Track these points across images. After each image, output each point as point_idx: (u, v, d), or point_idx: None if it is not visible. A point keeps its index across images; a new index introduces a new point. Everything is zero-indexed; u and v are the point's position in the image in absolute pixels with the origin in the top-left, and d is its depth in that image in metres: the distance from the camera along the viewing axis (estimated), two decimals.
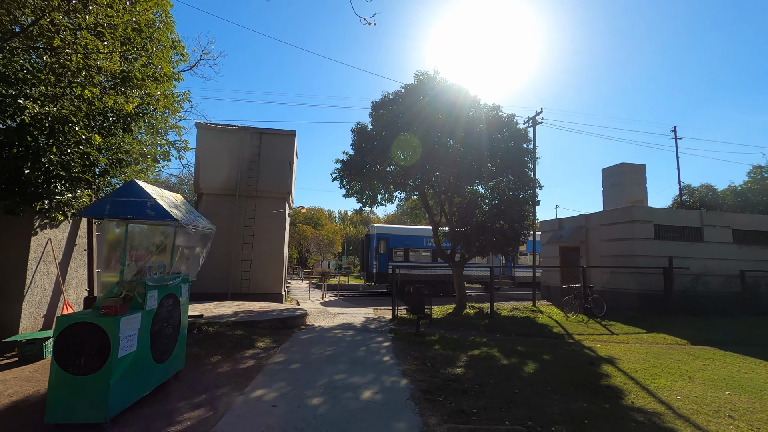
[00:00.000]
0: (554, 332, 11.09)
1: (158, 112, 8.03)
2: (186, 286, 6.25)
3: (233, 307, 12.10)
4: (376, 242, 23.22)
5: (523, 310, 15.55)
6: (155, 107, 7.78)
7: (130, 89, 6.66)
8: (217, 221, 17.39)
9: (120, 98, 6.55)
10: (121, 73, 6.41)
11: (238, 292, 16.99)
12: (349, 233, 66.01)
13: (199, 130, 17.54)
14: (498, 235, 15.07)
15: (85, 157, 6.57)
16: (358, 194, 18.24)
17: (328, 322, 12.13)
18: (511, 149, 14.98)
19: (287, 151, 18.18)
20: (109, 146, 7.29)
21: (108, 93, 6.49)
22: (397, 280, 13.13)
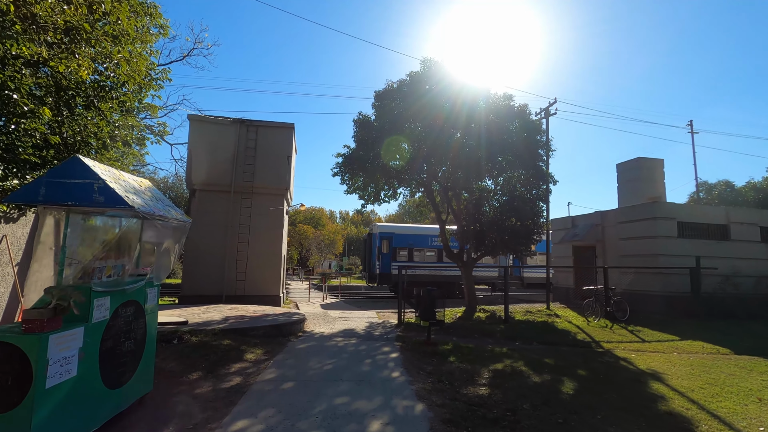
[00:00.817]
0: (579, 340, 9.92)
1: (128, 87, 6.86)
2: (153, 290, 5.10)
3: (224, 312, 10.95)
4: (379, 242, 22.07)
5: (538, 313, 14.38)
6: (121, 78, 6.61)
7: (78, 46, 5.49)
8: (210, 219, 16.28)
9: (72, 63, 5.38)
10: (64, 25, 5.25)
11: (233, 295, 15.84)
12: (350, 233, 64.86)
13: (192, 122, 16.41)
14: (510, 234, 13.94)
15: (33, 135, 5.43)
16: (360, 190, 17.11)
17: (329, 328, 10.98)
18: (523, 141, 13.82)
19: (285, 144, 17.05)
20: (67, 124, 6.13)
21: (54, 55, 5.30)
22: (403, 281, 11.97)
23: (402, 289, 11.75)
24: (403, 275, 11.97)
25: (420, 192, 18.28)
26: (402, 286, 11.77)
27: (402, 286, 11.77)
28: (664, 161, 18.25)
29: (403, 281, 11.90)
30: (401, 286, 11.76)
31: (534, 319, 12.92)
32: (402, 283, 11.82)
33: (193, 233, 16.04)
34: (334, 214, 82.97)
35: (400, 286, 11.76)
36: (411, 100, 13.56)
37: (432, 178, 15.71)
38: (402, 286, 11.75)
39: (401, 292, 11.71)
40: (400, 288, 11.75)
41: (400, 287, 11.76)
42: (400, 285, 11.77)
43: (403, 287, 11.84)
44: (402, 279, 11.89)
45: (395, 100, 14.28)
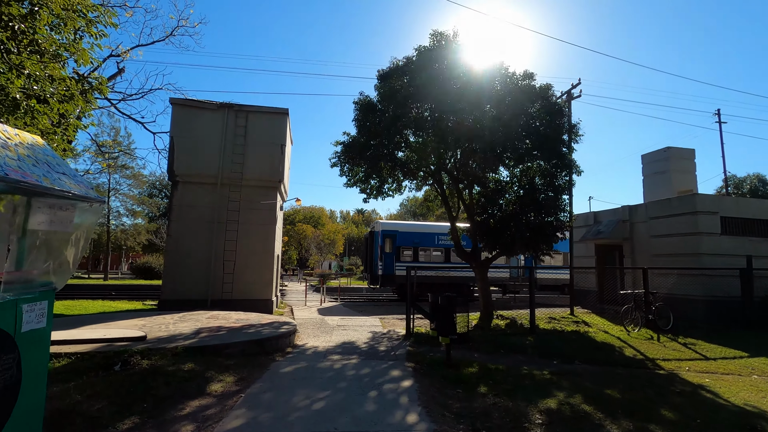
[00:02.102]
0: (629, 357, 8.03)
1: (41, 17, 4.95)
2: (38, 306, 3.24)
3: (201, 321, 9.08)
4: (382, 240, 20.19)
5: (563, 320, 12.51)
6: None
7: None
8: (195, 214, 14.42)
9: None
10: None
11: (219, 299, 13.96)
12: (350, 233, 62.98)
13: (174, 107, 14.55)
14: (531, 230, 12.09)
15: None
16: (361, 183, 15.21)
17: (325, 340, 9.10)
18: (546, 126, 11.94)
19: (278, 131, 15.19)
20: None
21: None
22: (412, 284, 10.10)
23: (411, 294, 9.86)
24: (412, 276, 10.10)
25: (428, 185, 16.44)
26: (411, 290, 9.89)
27: (411, 290, 9.89)
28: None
29: (412, 284, 10.03)
30: (410, 291, 9.88)
31: (562, 328, 11.03)
32: (411, 287, 9.94)
33: (175, 230, 14.21)
34: (334, 213, 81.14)
35: (409, 291, 9.88)
36: (418, 80, 11.67)
37: (441, 169, 13.85)
38: (411, 291, 9.86)
39: (410, 297, 9.83)
40: (409, 293, 9.86)
41: (409, 292, 9.87)
42: (409, 289, 9.89)
43: (413, 291, 9.96)
44: (411, 281, 10.01)
45: (401, 81, 12.42)
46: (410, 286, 9.86)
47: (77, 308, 13.86)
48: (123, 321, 8.83)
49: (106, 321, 8.84)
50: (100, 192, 28.77)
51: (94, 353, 5.92)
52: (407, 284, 9.84)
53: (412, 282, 10.00)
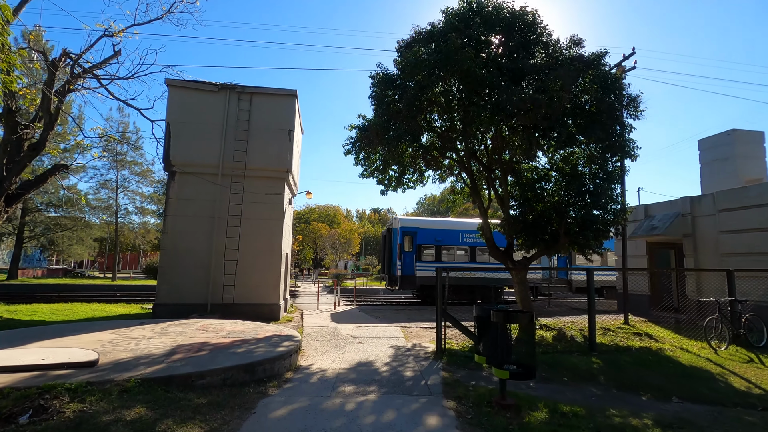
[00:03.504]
0: (741, 390, 5.93)
1: None
2: None
3: (186, 334, 7.30)
4: (401, 238, 18.24)
5: (619, 332, 10.38)
6: None
7: None
8: (193, 208, 12.71)
9: None
10: None
11: (220, 303, 12.26)
12: (366, 232, 61.17)
13: (171, 89, 12.90)
14: (581, 225, 10.07)
15: None
16: (378, 173, 13.32)
17: (335, 359, 7.22)
18: (597, 101, 9.82)
19: (286, 116, 13.40)
20: None
21: None
22: (444, 285, 8.11)
23: (443, 301, 7.88)
24: (443, 278, 8.09)
25: (453, 175, 14.45)
26: (443, 296, 7.90)
27: (443, 296, 7.90)
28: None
29: (444, 288, 8.04)
30: (441, 297, 7.88)
31: (627, 344, 8.92)
32: (442, 292, 7.96)
33: (172, 226, 12.55)
34: (350, 212, 79.54)
35: (440, 297, 7.88)
36: (445, 49, 9.67)
37: (470, 155, 11.86)
38: (443, 297, 7.87)
39: (441, 305, 7.84)
40: (440, 300, 7.86)
41: (439, 299, 7.86)
42: (440, 295, 7.89)
43: (444, 298, 7.97)
44: (442, 284, 8.02)
45: (424, 50, 10.45)
46: (441, 291, 7.87)
47: (63, 313, 12.31)
48: (89, 335, 7.11)
49: (71, 333, 7.14)
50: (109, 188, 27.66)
51: (8, 391, 4.15)
52: (437, 288, 7.86)
53: (444, 285, 8.01)
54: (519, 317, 4.87)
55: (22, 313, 11.83)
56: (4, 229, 25.40)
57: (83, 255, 32.00)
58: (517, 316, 4.89)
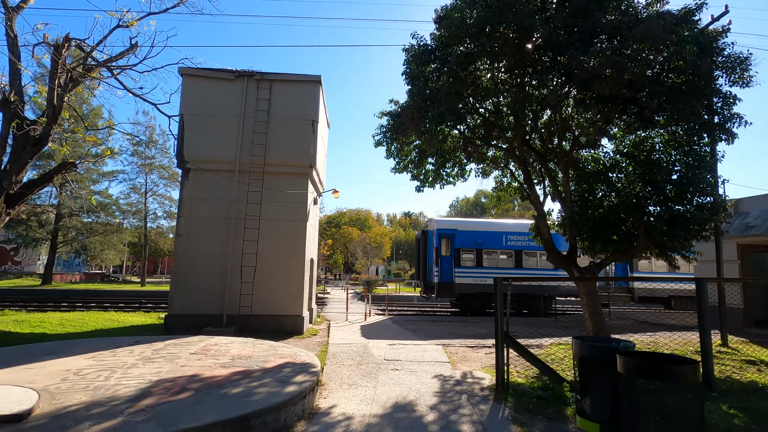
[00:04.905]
0: None
1: None
2: None
3: (179, 361, 5.78)
4: (438, 241, 16.37)
5: (724, 358, 8.16)
6: None
7: None
8: (209, 209, 11.33)
9: None
10: None
11: (236, 314, 10.81)
12: (398, 236, 59.39)
13: (185, 79, 11.66)
14: (667, 224, 8.00)
15: None
16: (413, 166, 11.61)
17: (364, 396, 5.49)
18: (693, 66, 7.65)
19: (309, 104, 11.90)
20: None
21: None
22: (505, 293, 6.13)
23: (505, 321, 5.94)
24: (504, 284, 6.10)
25: (498, 169, 12.51)
26: (503, 314, 5.96)
27: (503, 314, 5.96)
28: None
29: (504, 293, 6.07)
30: (501, 313, 5.94)
31: (748, 378, 6.72)
32: (502, 306, 6.00)
33: (186, 228, 11.25)
34: (381, 216, 78.06)
35: (499, 314, 5.92)
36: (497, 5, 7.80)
37: (522, 143, 9.92)
38: (503, 316, 5.93)
39: (502, 325, 5.90)
40: (500, 318, 5.92)
41: (499, 316, 5.91)
42: (499, 312, 5.93)
43: (506, 316, 6.03)
44: (503, 292, 6.04)
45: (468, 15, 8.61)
46: (501, 306, 5.92)
47: (71, 324, 11.20)
48: (62, 360, 5.69)
49: (45, 357, 5.79)
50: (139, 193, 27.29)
51: None
52: (497, 303, 5.92)
53: (505, 297, 6.06)
54: (673, 372, 2.93)
55: (28, 324, 10.80)
56: (39, 234, 25.40)
57: (115, 260, 31.95)
58: (669, 371, 2.95)
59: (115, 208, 27.27)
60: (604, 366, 3.09)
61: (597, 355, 3.22)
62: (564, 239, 10.17)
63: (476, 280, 16.17)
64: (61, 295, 22.32)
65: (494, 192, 13.06)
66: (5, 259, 34.10)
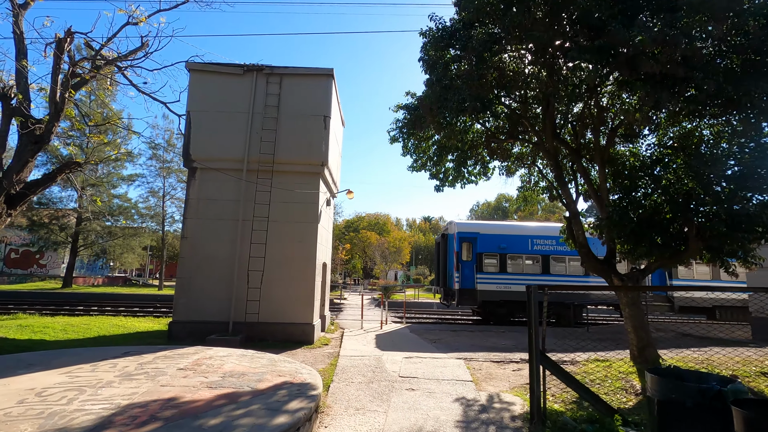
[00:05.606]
0: None
1: None
2: None
3: (160, 378, 5.05)
4: (458, 245, 15.38)
5: None
6: None
7: None
8: (216, 209, 10.70)
9: None
10: None
11: (243, 321, 10.11)
12: (417, 241, 58.32)
13: (193, 74, 11.13)
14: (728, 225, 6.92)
15: None
16: (432, 164, 10.77)
17: (373, 425, 4.62)
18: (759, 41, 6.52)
19: (321, 99, 11.19)
20: None
21: None
22: (541, 308, 5.10)
23: (538, 335, 4.95)
24: (539, 293, 5.09)
25: (524, 166, 11.51)
26: (538, 331, 4.97)
27: (538, 331, 4.97)
28: None
29: (540, 308, 5.07)
30: (536, 330, 4.95)
31: None
32: (537, 312, 4.99)
33: (192, 230, 10.66)
34: (400, 221, 77.13)
35: (534, 330, 4.94)
36: None
37: (551, 136, 8.92)
38: (540, 333, 4.94)
39: (537, 343, 4.90)
40: (535, 335, 4.92)
41: (534, 333, 4.92)
42: (534, 328, 4.94)
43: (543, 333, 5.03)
44: (537, 299, 5.03)
45: None
46: (536, 317, 4.92)
47: (75, 330, 10.72)
48: (32, 376, 5.04)
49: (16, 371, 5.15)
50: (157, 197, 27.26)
51: None
52: (530, 315, 4.92)
53: (540, 304, 5.06)
54: None
55: (30, 330, 10.36)
56: (60, 237, 25.59)
57: (134, 263, 32.14)
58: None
59: (135, 212, 27.34)
60: (702, 414, 2.16)
61: (691, 398, 2.29)
62: (600, 243, 9.12)
63: (500, 287, 15.11)
64: (79, 298, 22.25)
65: (520, 192, 12.06)
66: (31, 262, 34.77)
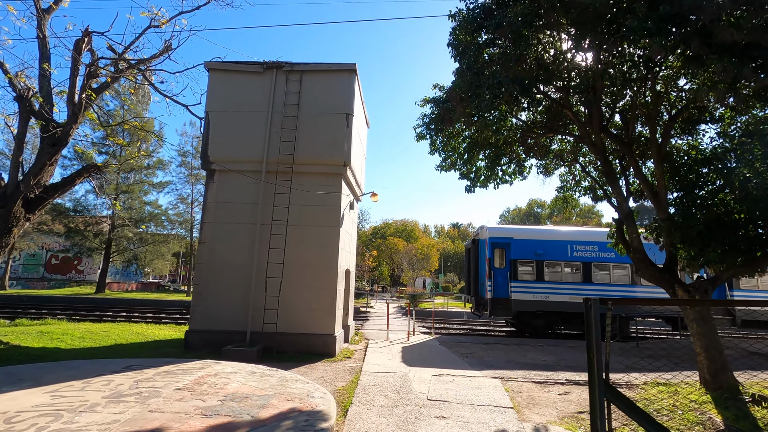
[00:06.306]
0: None
1: None
2: None
3: (152, 401, 4.40)
4: (491, 251, 14.32)
5: None
6: None
7: None
8: (233, 213, 10.18)
9: None
10: None
11: (260, 332, 9.48)
12: (446, 248, 56.94)
13: (211, 74, 10.74)
14: None
15: None
16: (462, 162, 9.89)
17: None
18: None
19: (342, 96, 10.54)
20: None
21: None
22: (604, 318, 4.12)
23: (601, 362, 3.97)
24: (603, 307, 4.08)
25: (564, 164, 10.45)
26: (600, 343, 3.98)
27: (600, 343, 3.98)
28: None
29: (602, 319, 4.09)
30: (598, 343, 3.94)
31: None
32: (599, 331, 4.00)
33: (209, 235, 10.17)
34: (428, 228, 75.88)
35: (596, 344, 3.93)
36: None
37: (599, 128, 7.87)
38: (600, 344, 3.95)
39: (600, 371, 3.92)
40: (599, 354, 3.94)
41: (597, 353, 3.94)
42: (596, 341, 3.92)
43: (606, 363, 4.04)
44: (599, 312, 4.05)
45: None
46: (598, 338, 3.93)
47: (93, 338, 10.40)
48: (13, 395, 4.48)
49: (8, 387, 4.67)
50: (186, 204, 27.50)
51: None
52: (591, 335, 3.92)
53: (603, 317, 4.05)
54: None
55: (49, 337, 10.11)
56: (94, 243, 26.13)
57: (164, 269, 32.55)
58: None
59: (165, 218, 27.68)
60: None
61: None
62: (656, 249, 7.98)
63: (536, 297, 13.94)
64: (110, 304, 22.47)
65: (559, 193, 10.97)
66: (69, 267, 35.93)
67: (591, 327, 3.91)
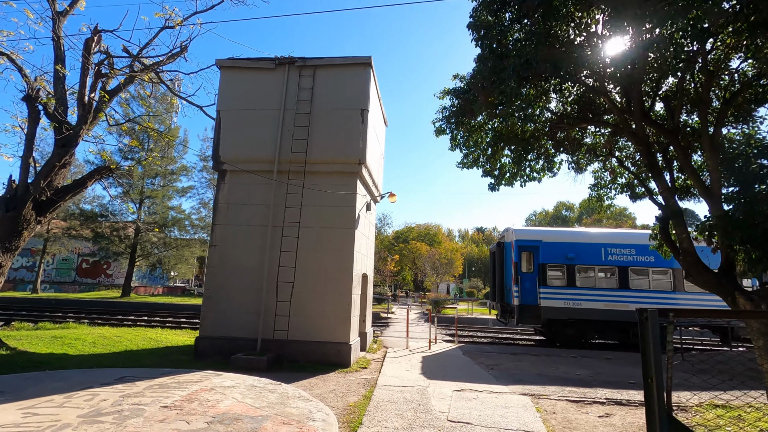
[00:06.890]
0: None
1: None
2: None
3: (132, 421, 3.89)
4: (517, 255, 13.43)
5: None
6: None
7: None
8: (245, 215, 9.75)
9: None
10: None
11: (271, 339, 8.97)
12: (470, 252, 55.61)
13: (223, 72, 10.41)
14: None
15: None
16: (485, 158, 9.17)
17: None
18: None
19: (357, 91, 9.99)
20: None
21: None
22: (664, 332, 3.37)
23: (662, 384, 3.20)
24: (661, 319, 3.36)
25: (598, 159, 9.55)
26: (660, 363, 3.22)
27: (660, 363, 3.22)
28: None
29: (660, 333, 3.33)
30: (657, 363, 3.19)
31: None
32: (657, 348, 3.25)
33: (220, 238, 9.78)
34: (452, 232, 74.60)
35: (654, 365, 3.18)
36: None
37: (641, 115, 7.01)
38: (661, 366, 3.19)
39: (661, 393, 3.15)
40: (659, 378, 3.19)
41: (657, 376, 3.19)
42: (654, 360, 3.18)
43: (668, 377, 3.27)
44: (656, 324, 3.31)
45: None
46: (657, 356, 3.16)
47: (104, 344, 10.15)
48: None
49: None
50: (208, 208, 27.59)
51: None
52: (647, 353, 3.15)
53: (662, 332, 3.29)
54: None
55: (61, 342, 9.92)
56: (119, 248, 26.55)
57: (187, 273, 32.86)
58: None
59: (188, 223, 27.90)
60: None
61: None
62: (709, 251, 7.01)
63: (567, 304, 12.95)
64: (133, 307, 22.63)
65: (593, 191, 10.05)
66: (99, 271, 36.81)
67: (648, 344, 3.12)
